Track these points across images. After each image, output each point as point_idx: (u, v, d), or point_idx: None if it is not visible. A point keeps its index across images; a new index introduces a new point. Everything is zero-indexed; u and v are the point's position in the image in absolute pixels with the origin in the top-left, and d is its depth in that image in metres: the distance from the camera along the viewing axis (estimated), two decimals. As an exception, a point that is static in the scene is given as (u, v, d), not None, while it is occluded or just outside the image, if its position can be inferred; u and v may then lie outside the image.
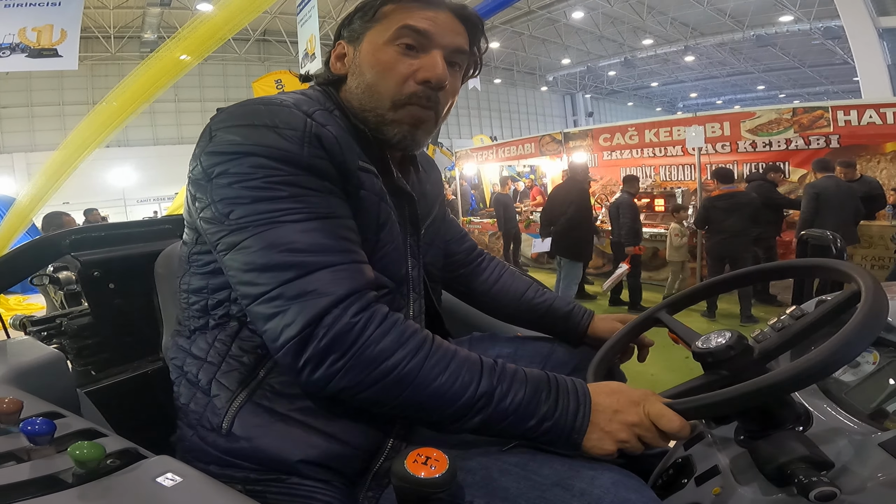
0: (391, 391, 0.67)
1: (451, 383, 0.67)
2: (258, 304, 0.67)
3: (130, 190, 17.50)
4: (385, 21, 0.80)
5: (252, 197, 0.68)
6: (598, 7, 18.88)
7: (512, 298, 1.14)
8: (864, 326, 0.60)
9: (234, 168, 0.69)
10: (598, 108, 32.82)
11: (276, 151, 0.69)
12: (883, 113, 5.49)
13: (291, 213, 0.68)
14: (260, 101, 0.73)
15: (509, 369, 0.71)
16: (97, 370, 1.25)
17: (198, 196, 0.73)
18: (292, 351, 0.66)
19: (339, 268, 0.68)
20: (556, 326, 1.12)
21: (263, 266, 0.67)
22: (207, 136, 0.73)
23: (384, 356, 0.66)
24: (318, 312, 0.65)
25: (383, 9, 0.81)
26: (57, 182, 3.80)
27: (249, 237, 0.67)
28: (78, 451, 0.54)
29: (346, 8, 17.45)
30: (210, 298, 0.79)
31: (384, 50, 0.80)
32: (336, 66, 0.86)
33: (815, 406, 0.74)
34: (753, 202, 4.87)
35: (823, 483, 0.57)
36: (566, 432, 0.68)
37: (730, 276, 0.98)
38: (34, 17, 5.50)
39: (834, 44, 18.42)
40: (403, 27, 0.79)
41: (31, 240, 1.28)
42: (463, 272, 1.17)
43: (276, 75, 8.19)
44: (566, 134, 8.71)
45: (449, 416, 0.68)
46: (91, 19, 15.40)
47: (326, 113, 0.76)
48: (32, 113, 16.52)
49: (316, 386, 0.67)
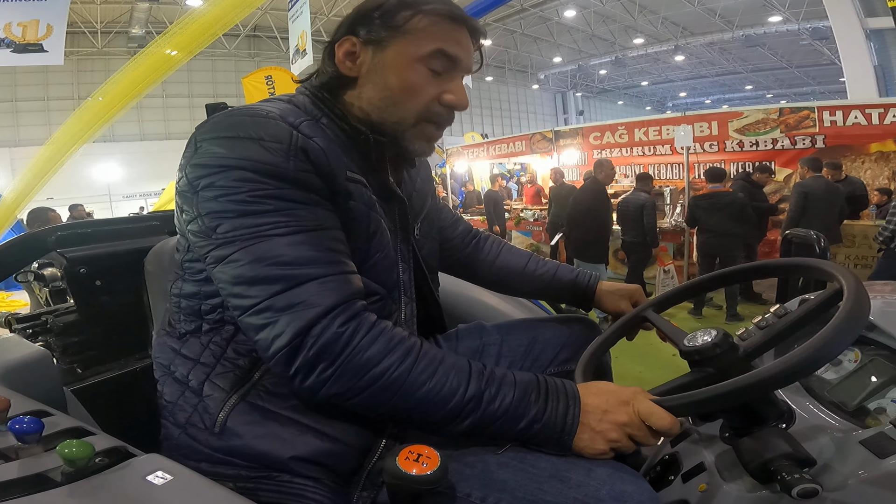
0: (380, 397, 0.68)
1: (438, 388, 0.68)
2: (248, 315, 0.68)
3: (116, 185, 17.31)
4: (418, 35, 0.78)
5: (238, 211, 0.68)
6: (590, 6, 18.95)
7: (515, 272, 1.16)
8: (846, 325, 0.61)
9: (220, 181, 0.69)
10: (589, 107, 32.92)
11: (261, 165, 0.68)
12: (868, 114, 5.57)
13: (278, 227, 0.68)
14: (245, 112, 0.72)
15: (498, 373, 0.72)
16: (84, 368, 1.24)
17: (185, 208, 0.74)
18: (283, 360, 0.67)
19: (327, 279, 0.69)
20: (564, 292, 1.15)
21: (252, 279, 0.67)
22: (193, 146, 0.73)
23: (372, 364, 0.67)
24: (306, 323, 0.66)
25: (414, 20, 0.78)
26: (43, 178, 3.75)
27: (237, 251, 0.68)
28: (67, 450, 0.53)
29: (337, 5, 17.43)
30: (203, 304, 0.79)
31: (415, 68, 0.78)
32: (346, 66, 0.81)
33: (798, 403, 0.75)
34: (736, 202, 4.86)
35: (806, 480, 0.58)
36: (556, 433, 0.69)
37: (715, 275, 0.99)
38: (20, 12, 5.42)
39: (821, 44, 18.62)
40: (439, 51, 0.78)
41: (16, 236, 1.27)
42: (463, 254, 1.18)
43: (266, 71, 8.09)
44: (557, 132, 8.74)
45: (439, 420, 0.69)
46: (78, 14, 15.17)
47: (312, 123, 0.75)
48: (17, 108, 16.26)
49: (308, 392, 0.69)
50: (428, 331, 1.05)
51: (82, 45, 16.46)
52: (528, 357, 1.05)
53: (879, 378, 0.74)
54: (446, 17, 0.79)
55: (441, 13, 0.78)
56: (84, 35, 16.34)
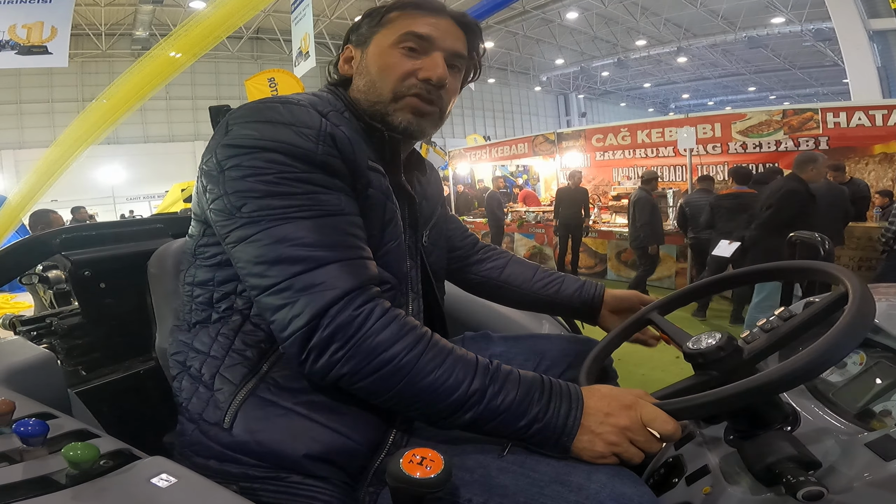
0: (387, 382, 0.69)
1: (445, 378, 0.69)
2: (267, 295, 0.70)
3: (120, 187, 17.38)
4: (390, 26, 0.86)
5: (265, 191, 0.70)
6: (593, 8, 18.95)
7: (522, 283, 1.16)
8: (852, 328, 0.61)
9: (248, 161, 0.71)
10: (592, 109, 32.90)
11: (292, 148, 0.72)
12: (872, 115, 5.56)
13: (303, 210, 0.71)
14: (277, 100, 0.76)
15: (504, 370, 0.73)
16: (88, 370, 1.25)
17: (209, 188, 0.76)
18: (299, 340, 0.69)
19: (346, 263, 0.71)
20: (571, 303, 1.14)
21: (274, 259, 0.69)
22: (224, 129, 0.75)
23: (382, 348, 0.68)
24: (324, 305, 0.68)
25: (389, 15, 0.87)
26: (49, 181, 3.77)
27: (260, 231, 0.70)
28: (72, 452, 0.53)
29: (339, 7, 17.49)
30: (216, 291, 0.81)
31: (389, 52, 0.85)
32: (344, 69, 0.91)
33: (803, 406, 0.75)
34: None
35: (811, 483, 0.58)
36: (556, 434, 0.69)
37: (720, 278, 0.99)
38: (24, 14, 5.43)
39: (824, 46, 18.57)
40: (407, 33, 0.84)
41: (20, 239, 1.28)
42: (469, 264, 1.20)
43: (269, 73, 8.12)
44: (559, 134, 8.75)
45: (441, 411, 0.70)
46: (82, 16, 15.26)
47: (337, 114, 0.80)
48: (21, 110, 16.36)
49: (318, 374, 0.70)
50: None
51: (86, 47, 16.55)
52: (536, 371, 1.04)
53: (885, 380, 0.74)
54: (415, 6, 0.86)
55: (415, 6, 0.86)
56: (88, 37, 16.43)
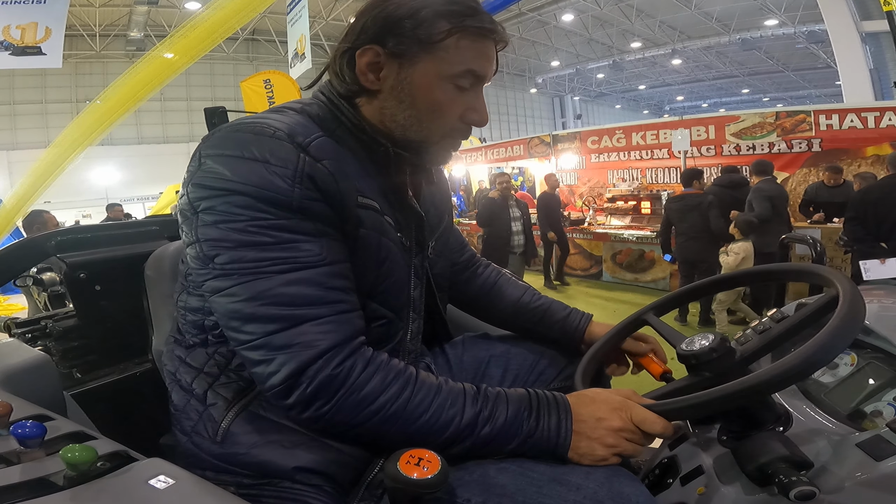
0: (378, 429, 0.69)
1: (435, 419, 0.69)
2: (244, 349, 0.69)
3: (114, 189, 17.26)
4: (449, 55, 0.74)
5: (238, 241, 0.67)
6: (588, 10, 18.99)
7: (508, 303, 1.10)
8: (842, 329, 0.62)
9: (221, 206, 0.67)
10: (587, 111, 32.94)
11: (263, 192, 0.66)
12: (864, 117, 5.60)
13: (276, 264, 0.67)
14: (252, 129, 0.70)
15: (491, 394, 0.73)
16: (83, 372, 1.24)
17: (185, 229, 0.73)
18: (279, 395, 0.68)
19: (325, 320, 0.68)
20: (553, 330, 1.06)
21: (249, 316, 0.67)
22: (197, 162, 0.71)
23: (368, 400, 0.68)
24: (300, 365, 0.66)
25: (450, 39, 0.74)
26: (45, 183, 3.75)
27: (235, 285, 0.67)
28: (70, 454, 0.53)
29: (335, 8, 17.46)
30: (207, 320, 0.78)
31: (441, 86, 0.76)
32: (367, 78, 0.77)
33: (795, 407, 0.76)
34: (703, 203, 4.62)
35: (803, 483, 0.59)
36: (550, 447, 0.70)
37: (715, 280, 1.00)
38: (19, 15, 5.41)
39: (817, 48, 18.67)
40: (468, 71, 0.76)
41: (15, 241, 1.27)
42: (460, 279, 1.14)
43: (264, 75, 8.09)
44: (555, 136, 8.78)
45: (437, 447, 0.68)
46: (76, 17, 15.14)
47: (324, 139, 0.73)
48: (14, 111, 16.22)
49: (306, 423, 0.70)
50: (433, 342, 1.05)
51: (80, 48, 16.44)
52: (533, 371, 1.03)
53: (876, 381, 0.75)
54: (480, 35, 0.76)
55: (477, 32, 0.75)
56: (82, 38, 16.32)
